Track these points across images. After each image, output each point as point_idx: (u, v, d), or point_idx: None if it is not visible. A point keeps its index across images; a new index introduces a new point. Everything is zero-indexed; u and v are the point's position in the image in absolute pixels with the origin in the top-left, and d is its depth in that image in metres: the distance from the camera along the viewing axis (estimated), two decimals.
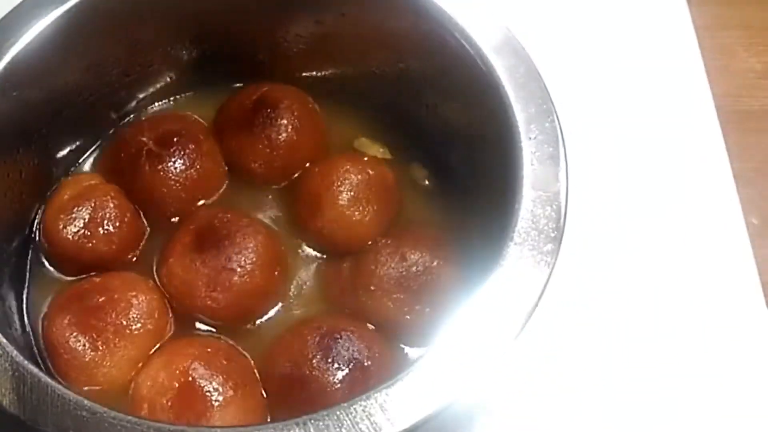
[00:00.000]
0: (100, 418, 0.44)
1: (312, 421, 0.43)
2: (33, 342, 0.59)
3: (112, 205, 0.61)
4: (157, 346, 0.58)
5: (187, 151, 0.64)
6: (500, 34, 0.57)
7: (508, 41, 0.57)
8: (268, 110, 0.65)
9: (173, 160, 0.63)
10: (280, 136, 0.65)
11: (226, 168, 0.67)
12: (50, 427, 0.44)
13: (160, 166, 0.63)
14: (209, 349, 0.56)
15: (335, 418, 0.44)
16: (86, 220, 0.60)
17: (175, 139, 0.64)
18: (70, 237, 0.60)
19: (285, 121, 0.65)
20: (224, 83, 0.70)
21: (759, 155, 0.80)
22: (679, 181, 0.75)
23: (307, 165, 0.66)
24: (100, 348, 0.56)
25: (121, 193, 0.63)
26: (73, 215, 0.60)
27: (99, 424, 0.43)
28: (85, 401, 0.44)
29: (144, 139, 0.64)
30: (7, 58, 0.56)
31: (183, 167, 0.63)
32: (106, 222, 0.61)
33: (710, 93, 0.80)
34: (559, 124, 0.54)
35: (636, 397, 0.64)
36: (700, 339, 0.67)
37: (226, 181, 0.67)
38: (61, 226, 0.60)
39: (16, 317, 0.59)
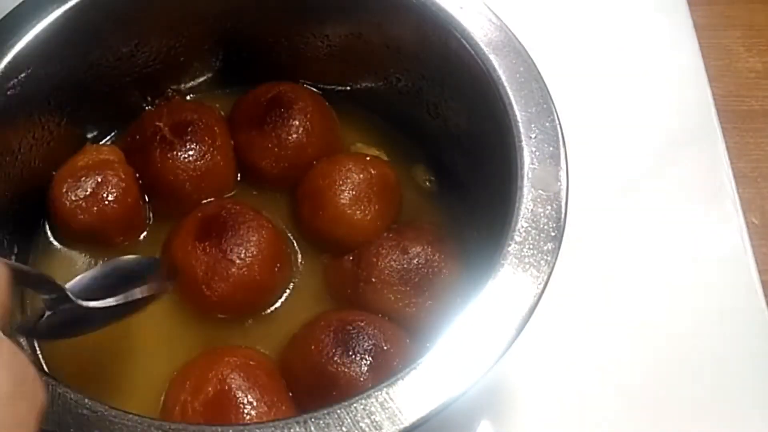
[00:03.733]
0: (100, 417, 0.44)
1: (313, 420, 0.43)
2: (35, 340, 0.59)
3: (117, 184, 0.61)
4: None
5: (199, 142, 0.64)
6: (500, 33, 0.57)
7: (508, 41, 0.57)
8: (282, 110, 0.65)
9: (184, 149, 0.63)
10: (290, 137, 0.65)
11: (236, 165, 0.67)
12: (51, 425, 0.43)
13: (169, 154, 0.63)
14: (252, 362, 0.56)
15: (336, 416, 0.44)
16: (87, 191, 0.61)
17: (189, 129, 0.64)
18: (67, 203, 0.61)
19: (297, 122, 0.65)
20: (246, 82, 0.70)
21: (759, 155, 0.80)
22: (679, 181, 0.75)
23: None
24: None
25: (133, 178, 0.63)
26: (78, 183, 0.61)
27: (100, 423, 0.43)
28: (86, 399, 0.44)
29: (160, 124, 0.64)
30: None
31: (192, 158, 0.63)
32: (104, 199, 0.61)
33: (710, 93, 0.80)
34: (560, 123, 0.54)
35: (636, 396, 0.64)
36: (700, 338, 0.67)
37: (235, 179, 0.67)
38: (64, 190, 0.61)
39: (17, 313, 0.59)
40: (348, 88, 0.70)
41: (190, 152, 0.63)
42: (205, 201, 0.64)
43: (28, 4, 0.58)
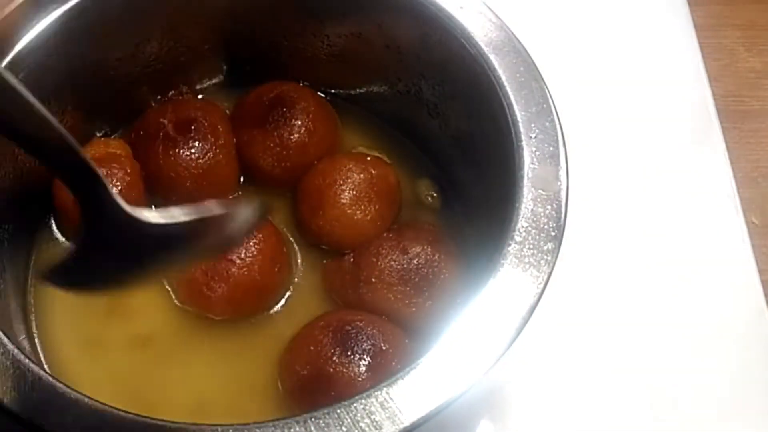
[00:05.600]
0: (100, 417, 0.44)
1: (312, 419, 0.43)
2: (36, 339, 0.60)
3: (122, 177, 0.61)
4: None
5: (202, 140, 0.64)
6: (500, 33, 0.57)
7: (508, 41, 0.57)
8: (284, 109, 0.65)
9: (186, 146, 0.63)
10: (291, 137, 0.64)
11: (239, 165, 0.66)
12: (51, 425, 0.43)
13: (171, 151, 0.63)
14: None
15: (336, 416, 0.44)
16: None
17: (192, 127, 0.64)
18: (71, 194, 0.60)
19: (299, 122, 0.65)
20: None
21: (759, 155, 0.80)
22: (680, 181, 0.75)
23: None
24: None
25: (139, 173, 0.63)
26: None
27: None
28: (86, 399, 0.44)
29: (164, 121, 0.64)
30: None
31: (195, 155, 0.63)
32: None
33: (710, 93, 0.80)
34: (560, 123, 0.54)
35: (636, 396, 0.64)
36: (700, 339, 0.67)
37: (238, 179, 0.67)
38: None
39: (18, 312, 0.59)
40: (349, 90, 0.70)
41: (193, 150, 0.63)
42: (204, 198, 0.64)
43: (28, 4, 0.58)
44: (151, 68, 0.67)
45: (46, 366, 0.59)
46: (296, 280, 0.63)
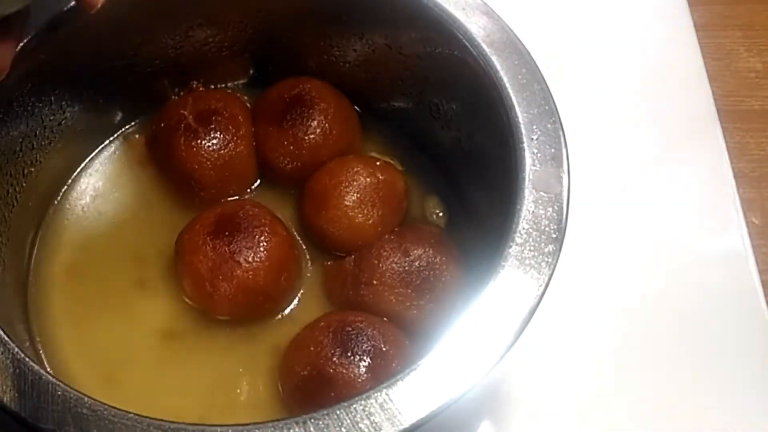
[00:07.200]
0: (100, 416, 0.44)
1: (312, 420, 0.43)
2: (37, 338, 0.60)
3: None
4: None
5: (224, 131, 0.64)
6: (502, 35, 0.57)
7: (510, 42, 0.57)
8: (302, 108, 0.65)
9: (208, 137, 0.63)
10: (306, 137, 0.64)
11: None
12: (51, 424, 0.43)
13: (193, 142, 0.63)
14: None
15: (335, 417, 0.44)
16: None
17: (213, 118, 0.64)
18: None
19: (315, 123, 0.64)
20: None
21: (759, 155, 0.80)
22: (680, 181, 0.75)
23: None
24: None
25: None
26: None
27: (99, 422, 0.43)
28: (86, 398, 0.44)
29: (185, 112, 0.65)
30: None
31: (216, 146, 0.63)
32: None
33: (710, 93, 0.80)
34: (561, 125, 0.54)
35: (636, 396, 0.65)
36: (700, 338, 0.67)
37: (258, 171, 0.67)
38: None
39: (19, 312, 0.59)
40: (356, 94, 0.70)
41: (215, 141, 0.64)
42: (228, 191, 0.65)
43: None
44: (152, 68, 0.67)
45: (46, 366, 0.59)
46: (305, 285, 0.63)
